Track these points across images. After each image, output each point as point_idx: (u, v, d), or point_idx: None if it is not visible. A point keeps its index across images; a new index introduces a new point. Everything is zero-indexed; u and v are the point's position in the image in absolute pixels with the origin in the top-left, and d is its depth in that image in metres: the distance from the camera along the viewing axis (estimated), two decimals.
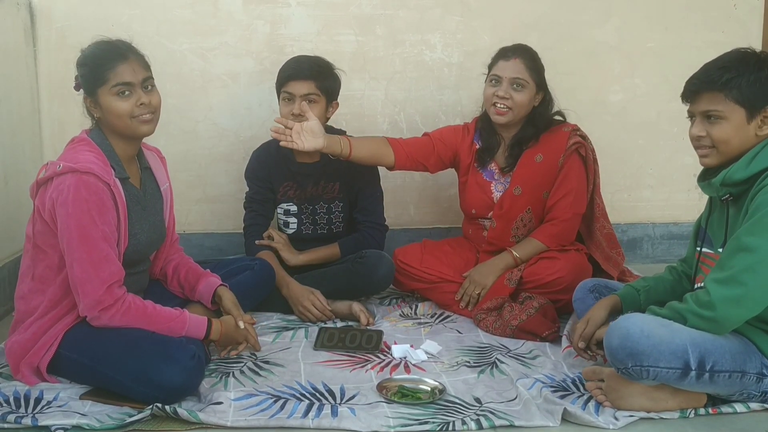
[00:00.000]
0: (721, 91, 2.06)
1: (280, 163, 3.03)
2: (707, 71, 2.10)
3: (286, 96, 2.90)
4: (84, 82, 2.26)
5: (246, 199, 3.09)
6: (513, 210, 2.93)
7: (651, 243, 3.70)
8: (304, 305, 2.84)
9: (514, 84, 2.84)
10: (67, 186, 2.12)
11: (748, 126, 2.06)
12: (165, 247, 2.54)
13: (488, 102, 2.90)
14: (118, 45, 2.27)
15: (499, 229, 2.96)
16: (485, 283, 2.87)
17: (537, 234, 2.91)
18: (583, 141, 2.92)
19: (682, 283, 2.34)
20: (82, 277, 2.13)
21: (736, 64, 2.07)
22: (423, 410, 2.13)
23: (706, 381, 2.03)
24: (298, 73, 2.89)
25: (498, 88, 2.86)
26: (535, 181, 2.91)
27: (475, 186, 3.02)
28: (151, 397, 2.09)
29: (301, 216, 3.07)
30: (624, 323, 2.05)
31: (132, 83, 2.23)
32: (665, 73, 3.51)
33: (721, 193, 2.11)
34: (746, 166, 2.04)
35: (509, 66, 2.86)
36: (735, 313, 1.99)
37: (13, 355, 2.24)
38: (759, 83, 2.04)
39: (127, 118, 2.24)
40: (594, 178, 2.97)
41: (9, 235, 2.99)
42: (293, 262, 2.99)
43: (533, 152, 2.92)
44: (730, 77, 2.05)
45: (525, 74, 2.85)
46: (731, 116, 2.07)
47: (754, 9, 3.57)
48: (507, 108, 2.85)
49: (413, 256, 3.00)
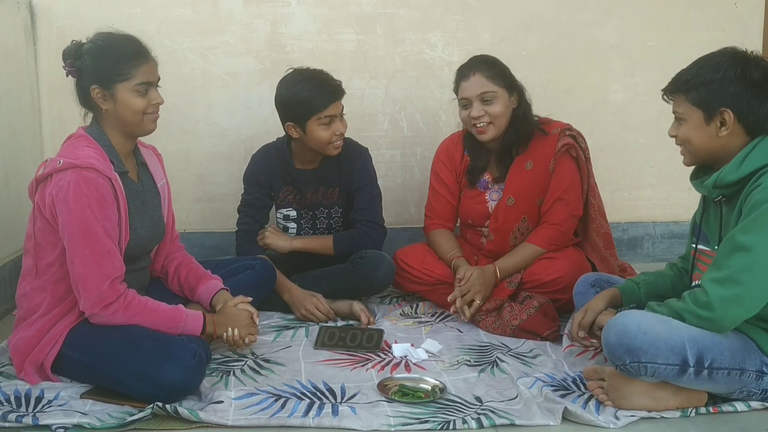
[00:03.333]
0: (682, 93, 2.10)
1: (281, 168, 3.02)
2: (679, 72, 2.13)
3: (326, 120, 2.83)
4: (98, 73, 2.23)
5: (242, 203, 3.06)
6: (508, 222, 2.90)
7: (652, 242, 3.70)
8: (307, 308, 2.83)
9: (483, 99, 2.79)
10: (67, 182, 2.12)
11: (707, 127, 2.08)
12: (165, 244, 2.54)
13: (467, 125, 2.87)
14: (139, 42, 2.29)
15: (497, 241, 2.94)
16: (490, 288, 2.81)
17: (533, 238, 2.87)
18: (574, 141, 2.87)
19: (682, 279, 2.35)
20: (83, 273, 2.13)
21: (699, 66, 2.09)
22: (423, 409, 2.13)
23: (704, 378, 2.03)
24: (336, 96, 2.86)
25: (470, 109, 2.82)
26: (528, 190, 2.87)
27: (470, 198, 2.99)
28: (152, 395, 2.09)
29: (300, 221, 3.06)
30: (621, 320, 2.06)
31: (153, 83, 2.28)
32: (666, 72, 3.44)
33: (714, 195, 2.12)
34: (737, 168, 2.05)
35: (471, 85, 2.81)
36: (734, 313, 1.99)
37: (17, 352, 2.24)
38: (714, 86, 2.04)
39: (141, 115, 2.27)
40: (588, 178, 2.92)
41: (9, 235, 2.99)
42: (287, 247, 2.98)
43: (523, 159, 2.88)
44: (688, 78, 2.08)
45: (489, 86, 2.79)
46: (690, 118, 2.10)
47: (754, 7, 3.57)
48: (487, 123, 2.81)
49: (415, 256, 2.99)
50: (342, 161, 3.01)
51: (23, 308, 2.28)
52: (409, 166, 3.56)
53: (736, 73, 2.03)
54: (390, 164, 3.53)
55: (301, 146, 2.94)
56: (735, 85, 2.03)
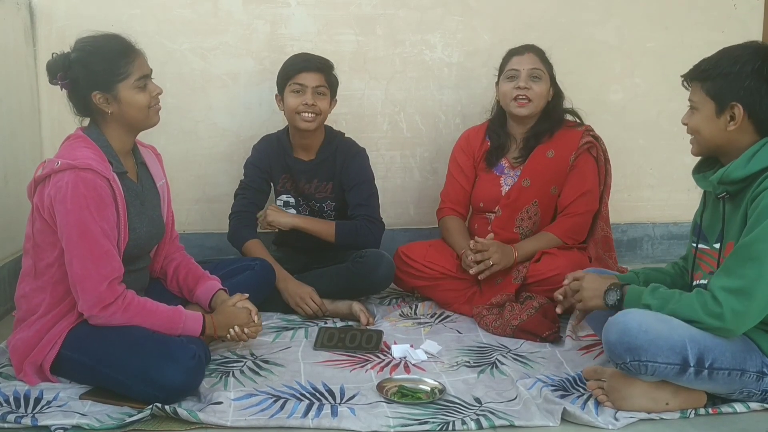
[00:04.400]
0: (699, 82, 2.09)
1: (279, 156, 3.05)
2: (700, 61, 2.12)
3: (296, 87, 2.91)
4: (96, 78, 2.22)
5: (240, 186, 3.08)
6: (520, 200, 2.96)
7: (651, 243, 3.70)
8: (301, 296, 2.85)
9: (532, 75, 2.92)
10: (65, 183, 2.12)
11: (717, 120, 2.07)
12: (164, 244, 2.54)
13: (508, 97, 2.94)
14: (124, 39, 2.28)
15: (504, 217, 2.97)
16: (507, 263, 2.84)
17: (552, 228, 2.94)
18: (595, 142, 2.99)
19: (683, 278, 2.34)
20: (81, 274, 2.13)
21: (720, 56, 2.07)
22: (423, 410, 2.13)
23: (705, 378, 2.02)
24: (309, 65, 2.93)
25: (517, 81, 2.92)
26: (545, 176, 2.95)
27: (486, 180, 3.06)
28: (152, 396, 2.09)
29: (299, 208, 3.09)
30: (622, 318, 2.05)
31: (149, 75, 2.28)
32: (665, 73, 3.51)
33: (718, 191, 2.10)
34: (745, 165, 2.03)
35: (524, 59, 2.94)
36: (745, 324, 2.00)
37: (17, 352, 2.24)
38: (729, 78, 2.03)
39: (146, 110, 2.28)
40: (605, 178, 3.02)
41: (9, 235, 2.99)
42: (289, 223, 2.96)
43: (545, 147, 2.97)
44: (706, 68, 2.07)
45: (540, 65, 2.95)
46: (702, 107, 2.09)
47: (754, 8, 3.58)
48: (527, 99, 2.91)
49: (418, 250, 3.02)
50: (338, 157, 3.03)
51: (22, 309, 2.28)
52: (409, 167, 3.56)
53: (754, 68, 2.01)
54: (389, 165, 3.53)
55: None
56: (750, 80, 2.01)
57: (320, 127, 3.00)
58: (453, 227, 3.08)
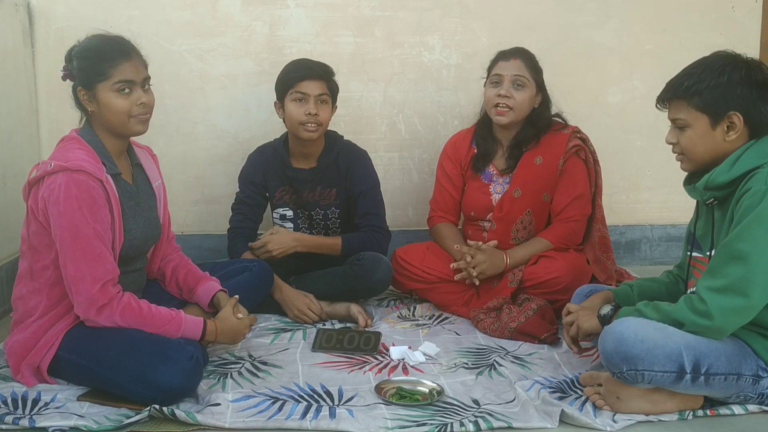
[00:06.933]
0: (683, 99, 2.07)
1: (277, 168, 3.01)
2: (674, 78, 2.11)
3: (298, 96, 2.87)
4: (81, 75, 2.24)
5: (236, 201, 3.06)
6: (513, 212, 2.93)
7: (649, 245, 3.70)
8: (299, 308, 2.84)
9: (516, 83, 2.86)
10: (58, 185, 2.12)
11: (713, 132, 2.06)
12: (161, 245, 2.54)
13: (490, 103, 2.90)
14: (121, 41, 2.27)
15: (499, 231, 2.96)
16: (495, 270, 2.83)
17: (546, 233, 2.91)
18: (583, 144, 2.94)
19: (677, 286, 2.34)
20: (75, 276, 2.13)
21: (699, 70, 2.06)
22: (421, 412, 2.13)
23: (701, 384, 2.02)
24: (311, 73, 2.89)
25: (499, 87, 2.87)
26: (536, 184, 2.91)
27: (474, 189, 3.02)
28: (149, 398, 2.09)
29: (297, 221, 3.06)
30: (618, 327, 2.05)
31: (134, 81, 2.24)
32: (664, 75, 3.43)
33: (706, 197, 2.11)
34: (729, 170, 2.04)
35: (510, 65, 2.88)
36: (734, 321, 2.00)
37: (14, 354, 2.24)
38: (719, 89, 2.03)
39: (125, 116, 2.24)
40: (596, 179, 2.98)
41: (6, 236, 2.99)
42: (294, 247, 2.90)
43: (533, 154, 2.93)
44: (690, 84, 2.05)
45: (525, 73, 2.87)
46: (695, 124, 2.07)
47: (752, 11, 3.58)
48: (508, 108, 2.86)
49: (415, 254, 3.01)
50: (341, 162, 3.01)
51: (19, 311, 2.28)
52: (407, 168, 3.56)
53: (741, 75, 2.02)
54: (388, 167, 3.53)
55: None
56: (741, 87, 2.02)
57: (321, 135, 2.98)
58: (446, 233, 3.05)
